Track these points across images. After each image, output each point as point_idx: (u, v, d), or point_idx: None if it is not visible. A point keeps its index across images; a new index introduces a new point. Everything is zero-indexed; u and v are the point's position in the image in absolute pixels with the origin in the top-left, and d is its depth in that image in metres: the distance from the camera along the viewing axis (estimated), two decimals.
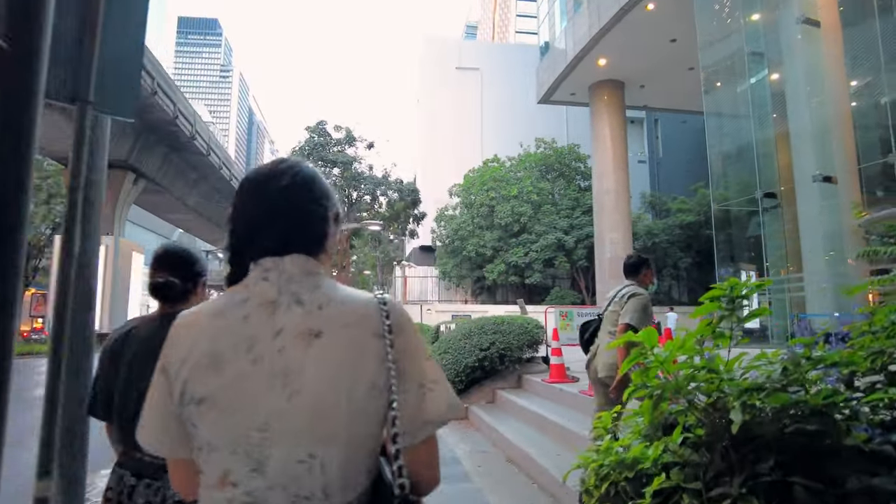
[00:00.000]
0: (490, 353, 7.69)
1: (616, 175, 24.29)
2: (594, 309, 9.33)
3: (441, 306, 30.98)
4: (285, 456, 0.88)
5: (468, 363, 7.64)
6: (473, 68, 43.24)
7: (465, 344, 7.93)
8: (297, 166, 1.04)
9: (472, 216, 32.13)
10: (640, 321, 3.82)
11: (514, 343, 7.83)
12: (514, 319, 8.37)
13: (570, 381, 6.94)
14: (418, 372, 0.96)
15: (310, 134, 22.15)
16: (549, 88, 26.32)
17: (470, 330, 8.23)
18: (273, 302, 0.94)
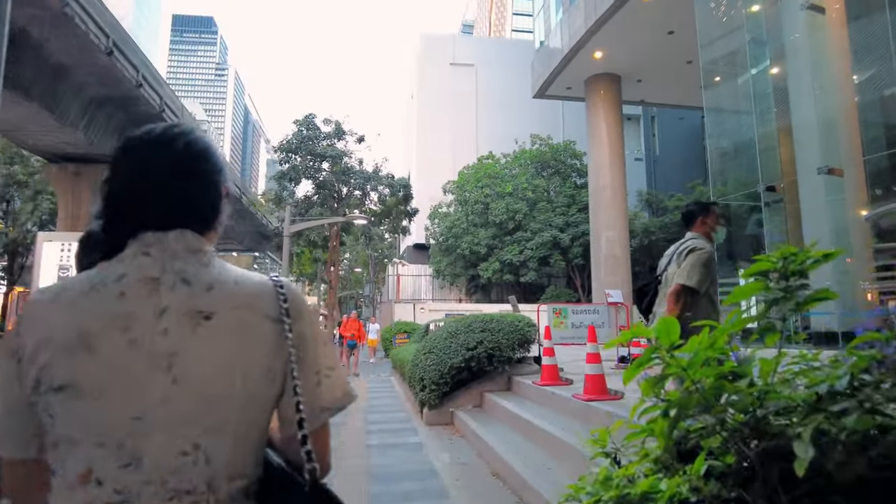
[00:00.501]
0: (477, 353, 7.12)
1: (612, 171, 23.76)
2: (590, 305, 8.75)
3: (434, 305, 30.44)
4: (165, 447, 0.81)
5: (454, 364, 7.07)
6: (468, 64, 42.70)
7: (451, 343, 7.36)
8: (192, 133, 0.95)
9: (467, 213, 31.62)
10: (699, 281, 3.14)
11: (503, 342, 7.26)
12: (503, 317, 7.80)
13: (564, 383, 6.37)
14: (315, 358, 0.93)
15: (298, 127, 21.54)
16: (544, 82, 25.78)
17: (456, 328, 7.66)
18: (155, 279, 0.86)
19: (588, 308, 8.59)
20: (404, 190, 22.88)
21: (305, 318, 0.93)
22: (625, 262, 23.10)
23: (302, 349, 0.91)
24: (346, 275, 53.51)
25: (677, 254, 3.41)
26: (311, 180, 21.47)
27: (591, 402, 5.00)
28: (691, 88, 26.35)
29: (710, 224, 3.49)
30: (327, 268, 22.66)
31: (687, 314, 3.12)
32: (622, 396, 5.12)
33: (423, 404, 7.30)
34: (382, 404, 9.15)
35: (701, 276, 3.16)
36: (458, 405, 7.21)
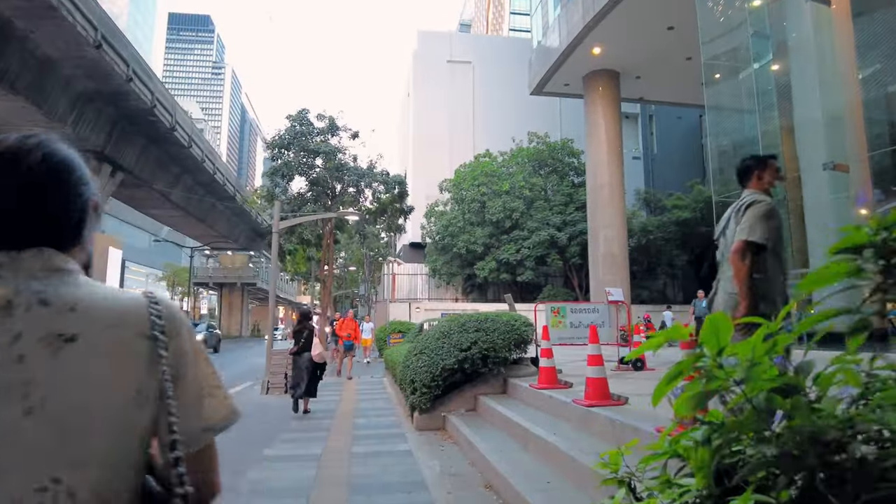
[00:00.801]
0: (471, 355, 6.74)
1: (611, 168, 23.42)
2: (589, 304, 8.39)
3: (430, 305, 30.11)
4: (20, 484, 0.73)
5: (446, 365, 6.69)
6: (465, 62, 42.34)
7: (444, 344, 6.99)
8: (51, 144, 0.88)
9: (463, 212, 31.26)
10: (763, 235, 2.85)
11: (498, 342, 6.88)
12: (498, 316, 7.42)
13: (563, 386, 6.00)
14: (197, 376, 0.89)
15: (290, 122, 21.11)
16: (542, 79, 25.42)
17: (449, 328, 7.28)
18: (8, 303, 0.78)
19: (587, 307, 8.22)
20: (399, 187, 22.47)
21: (184, 334, 0.88)
22: (623, 261, 22.77)
23: (181, 367, 0.86)
24: (342, 274, 53.13)
25: (735, 212, 3.12)
26: (304, 177, 21.06)
27: (592, 407, 4.63)
28: (691, 86, 26.05)
29: (767, 179, 3.17)
30: (321, 266, 22.24)
31: (757, 275, 2.84)
32: (626, 401, 4.75)
33: (414, 408, 6.92)
34: (372, 408, 8.76)
35: (764, 229, 2.87)
36: (451, 409, 6.84)
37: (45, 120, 22.66)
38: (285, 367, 10.61)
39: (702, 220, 31.80)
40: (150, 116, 26.84)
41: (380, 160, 22.54)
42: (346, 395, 10.43)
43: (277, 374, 10.60)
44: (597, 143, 23.95)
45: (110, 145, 27.26)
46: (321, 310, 22.61)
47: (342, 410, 8.59)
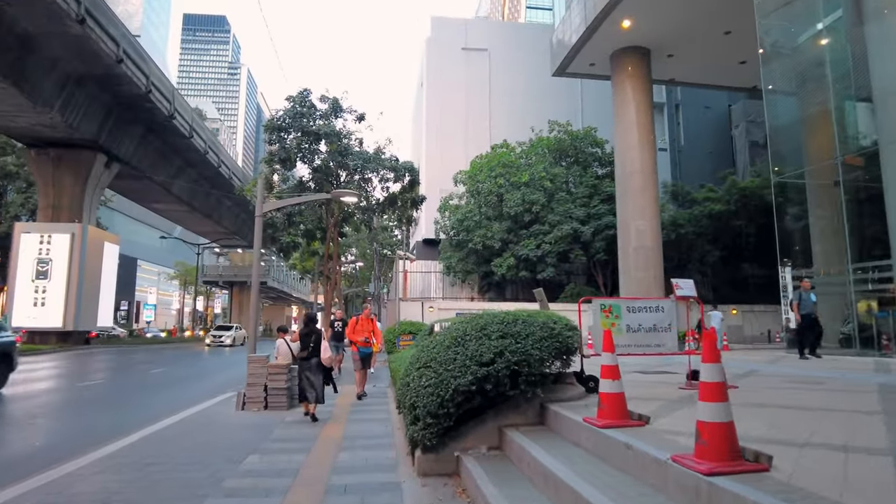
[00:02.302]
0: (495, 370, 4.77)
1: (642, 154, 21.32)
2: (653, 301, 6.34)
3: (444, 304, 28.29)
4: None
5: (460, 385, 4.73)
6: (481, 49, 40.34)
7: (456, 354, 5.01)
8: None
9: (479, 205, 29.29)
10: None
11: (533, 353, 4.89)
12: (531, 316, 5.43)
13: (636, 422, 4.00)
14: None
15: (290, 103, 19.27)
16: (565, 57, 23.37)
17: (463, 332, 5.30)
18: None
19: (649, 304, 6.19)
20: (410, 174, 20.50)
21: None
22: (656, 255, 20.67)
23: None
24: (353, 272, 51.37)
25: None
26: (307, 164, 19.23)
27: (715, 474, 2.63)
28: (728, 65, 23.83)
29: None
30: (325, 261, 20.42)
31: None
32: (769, 466, 2.74)
33: (416, 444, 4.97)
34: (364, 434, 6.82)
35: None
36: (467, 447, 4.87)
37: (29, 104, 21.07)
38: (265, 378, 8.72)
39: (736, 214, 29.44)
40: (147, 103, 25.24)
41: (388, 145, 20.59)
42: (336, 413, 8.50)
43: (257, 386, 8.70)
44: (626, 127, 21.85)
45: (105, 134, 25.71)
46: (325, 308, 20.76)
47: (324, 437, 6.66)
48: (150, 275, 78.65)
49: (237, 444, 6.32)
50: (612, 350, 4.17)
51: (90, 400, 10.99)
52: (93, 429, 7.65)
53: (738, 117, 41.15)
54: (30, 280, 25.55)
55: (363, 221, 20.74)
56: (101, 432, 7.12)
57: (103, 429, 7.51)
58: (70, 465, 5.20)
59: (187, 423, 7.82)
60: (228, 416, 8.36)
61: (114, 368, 18.08)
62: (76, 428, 7.72)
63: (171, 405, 9.56)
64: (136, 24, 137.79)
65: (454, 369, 4.85)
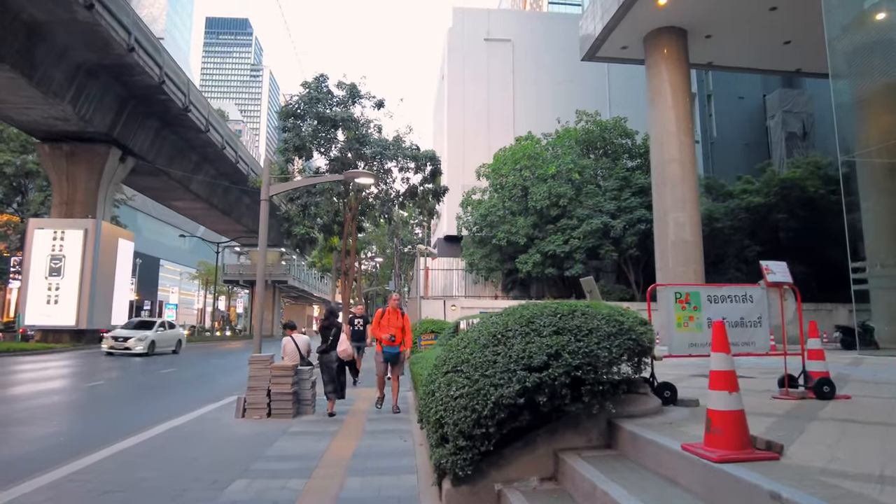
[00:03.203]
0: (551, 377, 3.58)
1: (680, 141, 19.90)
2: (740, 287, 5.07)
3: (467, 302, 27.17)
4: None
5: (503, 397, 3.55)
6: (504, 40, 39.09)
7: (496, 356, 3.84)
8: None
9: (503, 199, 28.03)
10: None
11: (600, 354, 3.69)
12: (592, 308, 4.22)
13: (765, 454, 2.77)
14: None
15: (306, 89, 18.27)
16: (595, 40, 22.01)
17: (504, 328, 4.12)
18: None
19: (735, 293, 4.95)
20: (432, 163, 19.34)
21: None
22: (697, 249, 19.23)
23: None
24: (373, 270, 50.46)
25: None
26: (324, 154, 18.20)
27: None
28: (771, 45, 22.23)
29: None
30: (342, 256, 19.40)
31: None
32: None
33: (443, 472, 3.79)
34: (380, 452, 5.68)
35: None
36: (511, 478, 3.70)
37: (40, 95, 20.41)
38: (268, 381, 7.64)
39: (776, 206, 27.77)
40: (161, 95, 24.50)
41: (409, 133, 19.45)
42: (348, 422, 7.38)
43: (258, 391, 7.62)
44: (662, 113, 20.44)
45: (119, 127, 25.04)
46: (343, 307, 19.73)
47: (332, 455, 5.53)
48: (173, 274, 78.88)
49: (226, 463, 5.22)
50: (727, 348, 2.93)
51: (82, 403, 10.05)
52: (65, 439, 6.63)
53: (774, 107, 39.35)
54: (43, 277, 25.00)
55: (382, 213, 19.63)
56: (72, 444, 6.10)
57: (78, 439, 6.50)
58: (3, 495, 4.14)
59: (177, 432, 6.77)
60: (226, 424, 7.29)
61: (122, 368, 17.26)
62: (46, 439, 6.70)
63: (168, 410, 8.57)
64: (160, 27, 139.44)
65: (494, 375, 3.67)
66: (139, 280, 58.70)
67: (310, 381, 7.99)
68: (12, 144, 34.87)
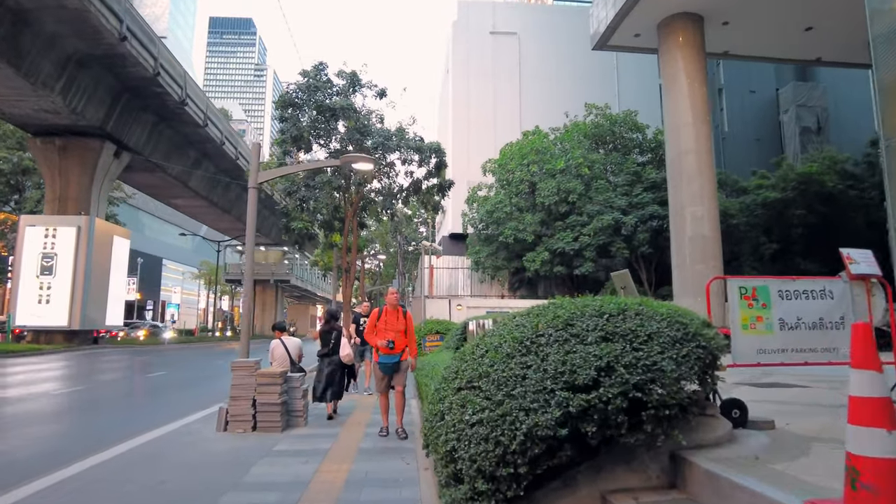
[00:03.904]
0: (602, 398, 2.67)
1: (697, 131, 18.96)
2: (817, 280, 4.14)
3: (473, 301, 26.34)
4: None
5: (538, 427, 2.63)
6: (510, 33, 38.16)
7: (525, 370, 2.92)
8: None
9: (510, 195, 27.11)
10: None
11: (666, 367, 2.78)
12: (644, 305, 3.30)
13: None
14: None
15: (305, 78, 17.37)
16: (607, 28, 21.06)
17: (534, 331, 3.21)
18: None
19: (812, 287, 4.02)
20: (437, 156, 18.43)
21: None
22: (715, 245, 18.25)
23: None
24: (377, 269, 49.58)
25: None
26: (322, 145, 17.31)
27: None
28: (791, 32, 21.22)
29: None
30: (343, 252, 18.53)
31: None
32: None
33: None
34: (378, 477, 4.79)
35: None
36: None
37: (28, 86, 19.55)
38: (253, 390, 6.75)
39: (793, 202, 26.75)
40: (156, 87, 23.65)
41: (412, 125, 18.53)
42: (343, 439, 6.49)
43: (243, 401, 6.73)
44: (677, 102, 19.49)
45: (112, 121, 24.20)
46: (344, 307, 18.85)
47: (320, 482, 4.63)
48: (175, 274, 78.32)
49: (189, 496, 4.33)
50: (876, 364, 2.01)
51: (53, 412, 9.20)
52: (8, 460, 5.75)
53: (787, 101, 38.33)
54: (34, 276, 24.17)
55: (384, 208, 18.74)
56: (17, 466, 5.23)
57: (30, 458, 5.63)
58: None
59: (146, 449, 5.90)
60: (204, 439, 6.41)
61: (111, 371, 16.45)
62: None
63: (147, 420, 7.73)
64: (163, 26, 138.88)
65: (524, 396, 2.77)
66: (141, 280, 58.10)
67: (301, 390, 7.09)
68: (9, 142, 34.21)
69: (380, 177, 17.79)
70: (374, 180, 17.92)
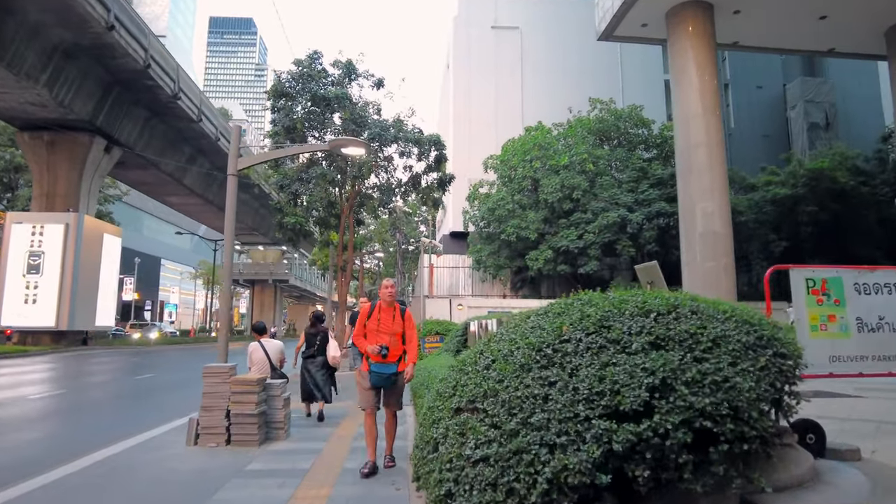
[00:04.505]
0: (657, 429, 1.88)
1: (707, 123, 18.18)
2: (893, 273, 3.35)
3: (474, 301, 25.63)
4: None
5: (566, 470, 1.83)
6: (512, 27, 37.37)
7: (546, 388, 2.14)
8: None
9: (512, 192, 26.35)
10: None
11: (741, 384, 2.00)
12: (701, 302, 2.53)
13: None
14: None
15: (298, 67, 16.62)
16: (613, 17, 20.30)
17: (556, 336, 2.42)
18: None
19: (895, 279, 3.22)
20: (436, 148, 17.66)
21: None
22: (727, 241, 17.47)
23: None
24: (376, 268, 48.77)
25: None
26: (317, 138, 16.52)
27: None
28: (804, 21, 20.41)
29: None
30: (338, 250, 17.77)
31: None
32: None
33: None
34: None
35: None
36: None
37: (11, 77, 18.81)
38: (227, 399, 6.00)
39: (802, 199, 26.00)
40: (147, 80, 22.92)
41: (411, 116, 17.74)
42: (325, 456, 5.74)
43: (215, 412, 5.98)
44: (686, 94, 18.71)
45: (103, 115, 23.45)
46: (340, 307, 18.09)
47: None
48: (173, 274, 77.65)
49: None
50: None
51: (17, 421, 8.44)
52: None
53: (795, 97, 37.60)
54: (20, 275, 23.43)
55: (382, 204, 17.97)
56: None
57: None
58: None
59: (103, 467, 5.16)
60: (172, 455, 5.66)
61: (97, 373, 15.73)
62: None
63: (118, 429, 7.04)
64: (162, 25, 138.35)
65: (548, 425, 2.01)
66: (139, 280, 57.41)
67: (282, 399, 6.33)
68: (1, 138, 33.53)
69: (377, 170, 17.04)
70: (372, 175, 17.17)
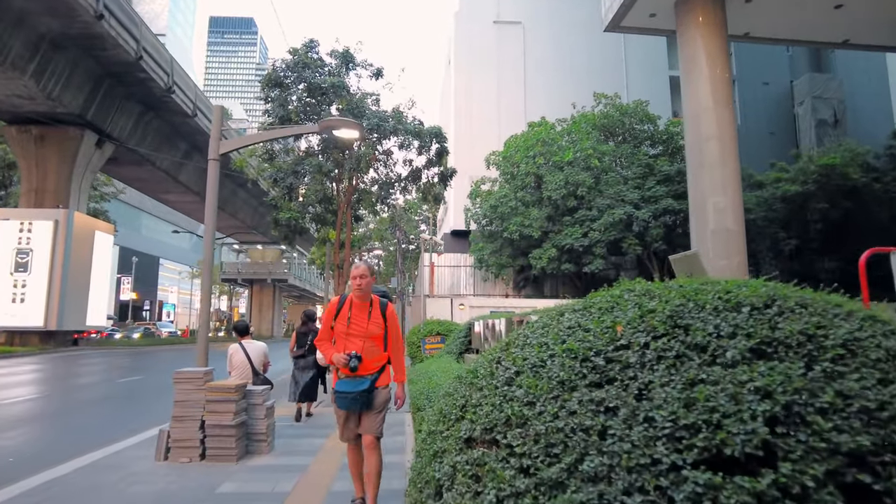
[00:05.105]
0: (785, 488, 1.17)
1: (719, 116, 17.49)
2: None
3: (476, 301, 24.99)
4: None
5: None
6: (515, 22, 36.77)
7: (606, 419, 1.43)
8: None
9: (515, 189, 25.66)
10: None
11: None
12: (809, 295, 1.83)
13: None
14: None
15: (293, 56, 15.96)
16: (621, 6, 19.62)
17: (608, 340, 1.71)
18: None
19: None
20: (437, 141, 16.98)
21: None
22: (740, 238, 16.78)
23: None
24: (376, 268, 48.09)
25: None
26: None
27: None
28: (819, 10, 19.77)
29: None
30: (335, 248, 17.13)
31: None
32: None
33: None
34: None
35: None
36: None
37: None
38: (201, 409, 5.31)
39: (813, 196, 25.31)
40: (140, 73, 22.24)
41: (412, 108, 17.07)
42: (310, 476, 5.06)
43: (188, 423, 5.29)
44: (697, 86, 18.01)
45: (94, 108, 22.77)
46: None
47: None
48: (172, 273, 77.04)
49: None
50: None
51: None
52: None
53: (803, 93, 36.94)
54: (8, 273, 22.74)
55: (381, 199, 17.30)
56: None
57: None
58: None
59: (55, 488, 4.48)
60: (134, 473, 4.97)
61: (80, 375, 15.06)
62: None
63: (87, 439, 6.42)
64: (162, 24, 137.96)
65: (610, 476, 1.30)
66: (138, 279, 56.80)
67: (264, 408, 5.64)
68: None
69: (376, 164, 16.38)
70: (370, 170, 16.51)
